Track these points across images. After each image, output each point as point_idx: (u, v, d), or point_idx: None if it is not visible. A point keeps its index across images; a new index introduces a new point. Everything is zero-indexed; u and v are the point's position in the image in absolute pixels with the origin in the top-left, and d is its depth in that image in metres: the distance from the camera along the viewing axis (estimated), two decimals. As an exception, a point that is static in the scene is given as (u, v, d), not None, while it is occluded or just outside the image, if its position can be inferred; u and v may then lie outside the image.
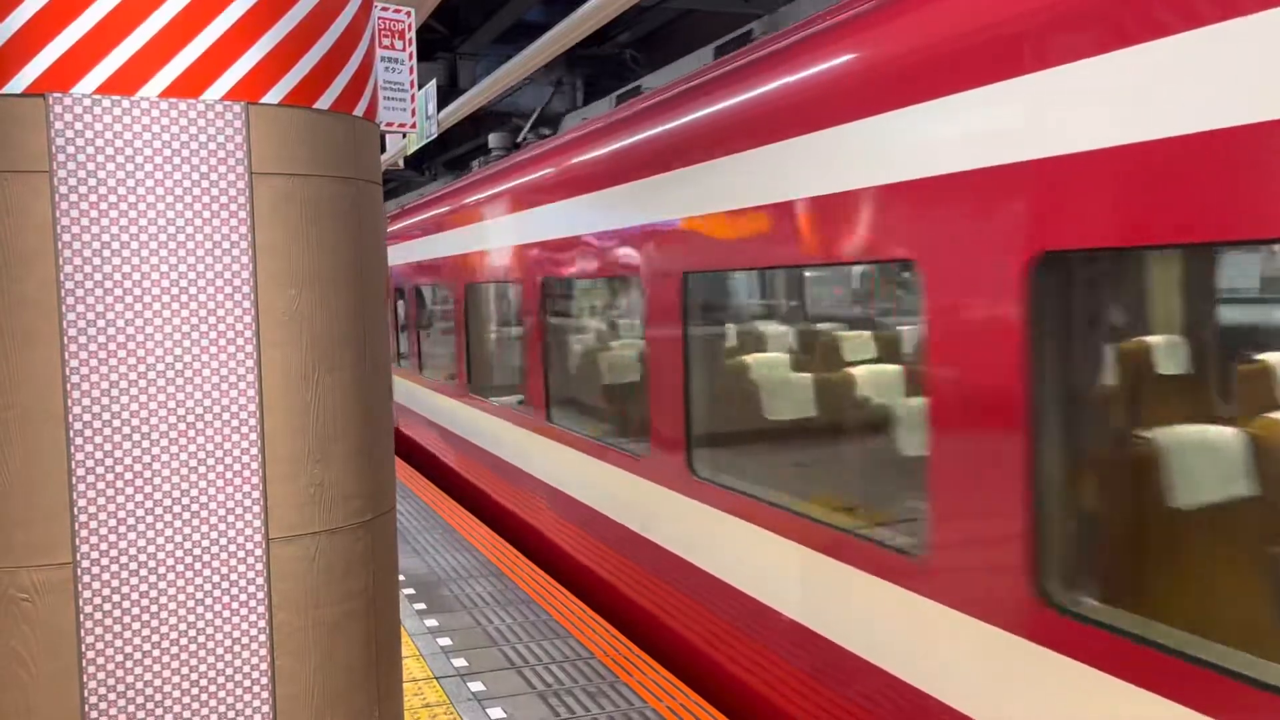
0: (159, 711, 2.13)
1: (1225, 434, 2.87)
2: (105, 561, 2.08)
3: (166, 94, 2.08)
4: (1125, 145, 2.84)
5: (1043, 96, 3.07)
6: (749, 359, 5.14)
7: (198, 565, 2.14)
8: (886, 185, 3.71)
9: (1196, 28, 2.65)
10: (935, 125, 3.50)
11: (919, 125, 3.56)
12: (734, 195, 4.95)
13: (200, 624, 2.15)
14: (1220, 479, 2.88)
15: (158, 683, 2.13)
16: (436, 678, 5.38)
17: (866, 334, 4.42)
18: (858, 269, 4.34)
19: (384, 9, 6.01)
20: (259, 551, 2.18)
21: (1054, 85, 3.04)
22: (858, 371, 4.38)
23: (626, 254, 6.15)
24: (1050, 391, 3.16)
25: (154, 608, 2.12)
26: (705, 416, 5.35)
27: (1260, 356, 2.81)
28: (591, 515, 6.92)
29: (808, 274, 4.75)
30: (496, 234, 8.94)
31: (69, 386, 2.04)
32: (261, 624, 2.19)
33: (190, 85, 2.09)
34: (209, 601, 2.15)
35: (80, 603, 2.07)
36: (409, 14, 6.10)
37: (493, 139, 12.02)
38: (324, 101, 2.25)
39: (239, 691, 2.18)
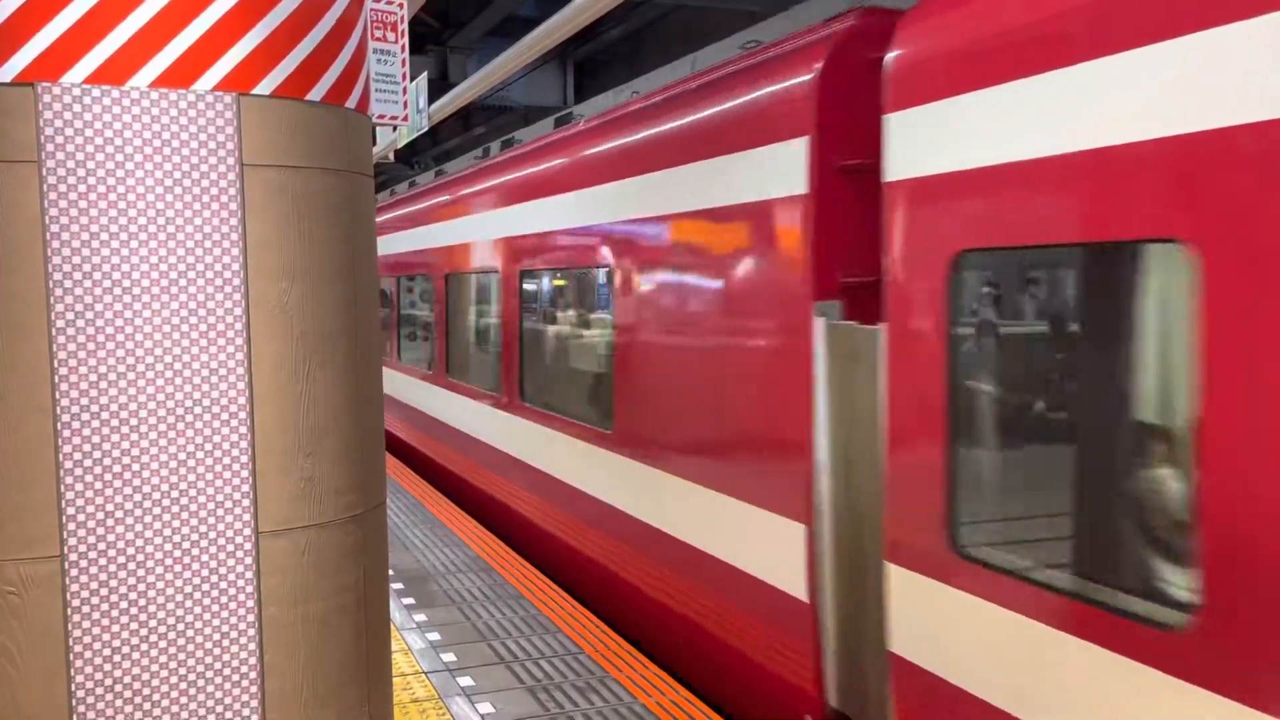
0: (147, 706, 2.12)
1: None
2: (93, 555, 2.07)
3: (156, 84, 2.06)
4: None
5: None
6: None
7: (186, 559, 2.13)
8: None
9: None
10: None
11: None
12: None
13: (189, 618, 2.13)
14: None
15: (145, 677, 2.11)
16: (425, 673, 5.37)
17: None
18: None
19: (376, 1, 5.98)
20: (249, 545, 2.17)
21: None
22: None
23: None
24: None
25: (142, 602, 2.10)
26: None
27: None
28: None
29: None
30: None
31: (57, 379, 2.02)
32: (251, 618, 2.18)
33: (181, 76, 2.08)
34: (198, 596, 2.14)
35: (68, 597, 2.06)
36: (401, 6, 6.07)
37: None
38: (316, 93, 2.24)
39: (227, 686, 2.17)
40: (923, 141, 3.62)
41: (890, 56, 3.79)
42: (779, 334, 4.66)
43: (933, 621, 3.62)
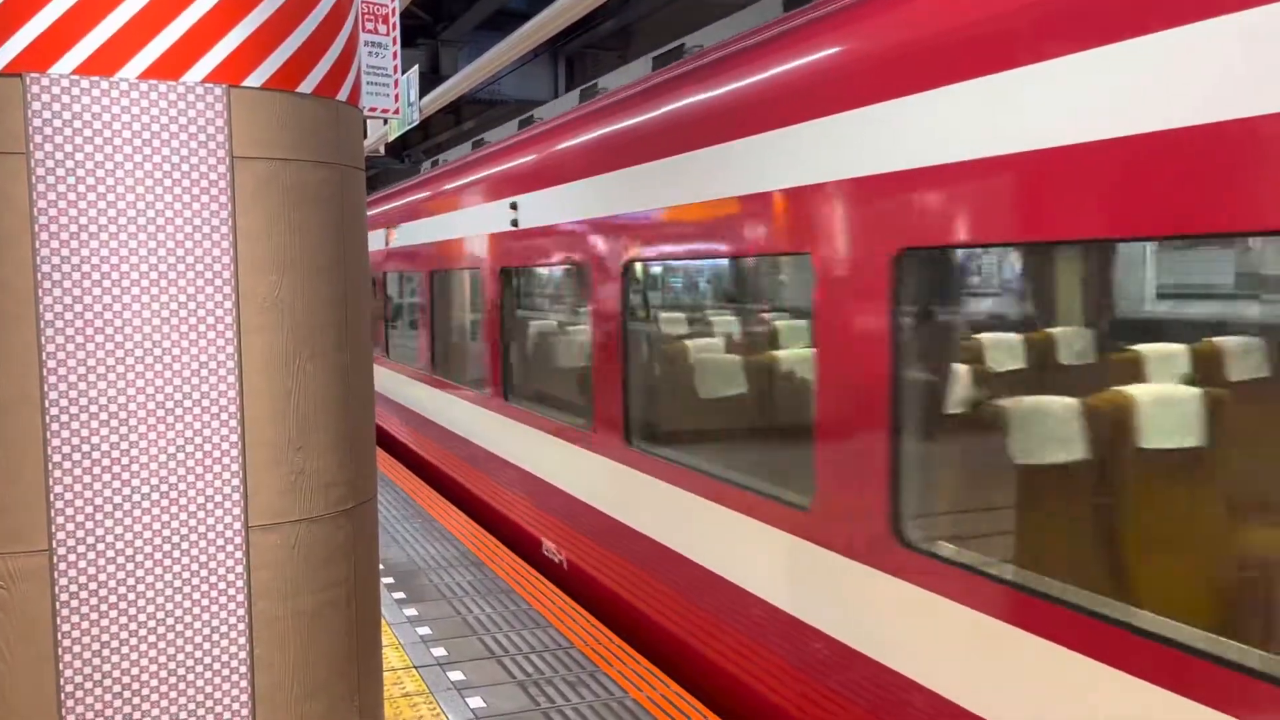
0: (135, 700, 2.11)
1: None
2: (82, 549, 2.06)
3: (146, 75, 2.05)
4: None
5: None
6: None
7: (176, 553, 2.12)
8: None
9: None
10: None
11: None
12: None
13: (178, 612, 2.12)
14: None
15: (135, 671, 2.10)
16: (416, 667, 5.37)
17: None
18: None
19: (367, -6, 5.96)
20: (238, 539, 2.16)
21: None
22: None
23: None
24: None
25: (131, 595, 2.09)
26: None
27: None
28: None
29: None
30: None
31: (45, 371, 2.01)
32: (241, 612, 2.17)
33: (170, 67, 2.06)
34: (187, 589, 2.13)
35: (56, 590, 2.05)
36: (392, -1, 6.05)
37: None
38: (307, 85, 2.23)
39: (217, 680, 2.16)
40: None
41: None
42: None
43: None
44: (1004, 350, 3.54)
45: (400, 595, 6.59)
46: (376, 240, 12.76)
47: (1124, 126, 2.94)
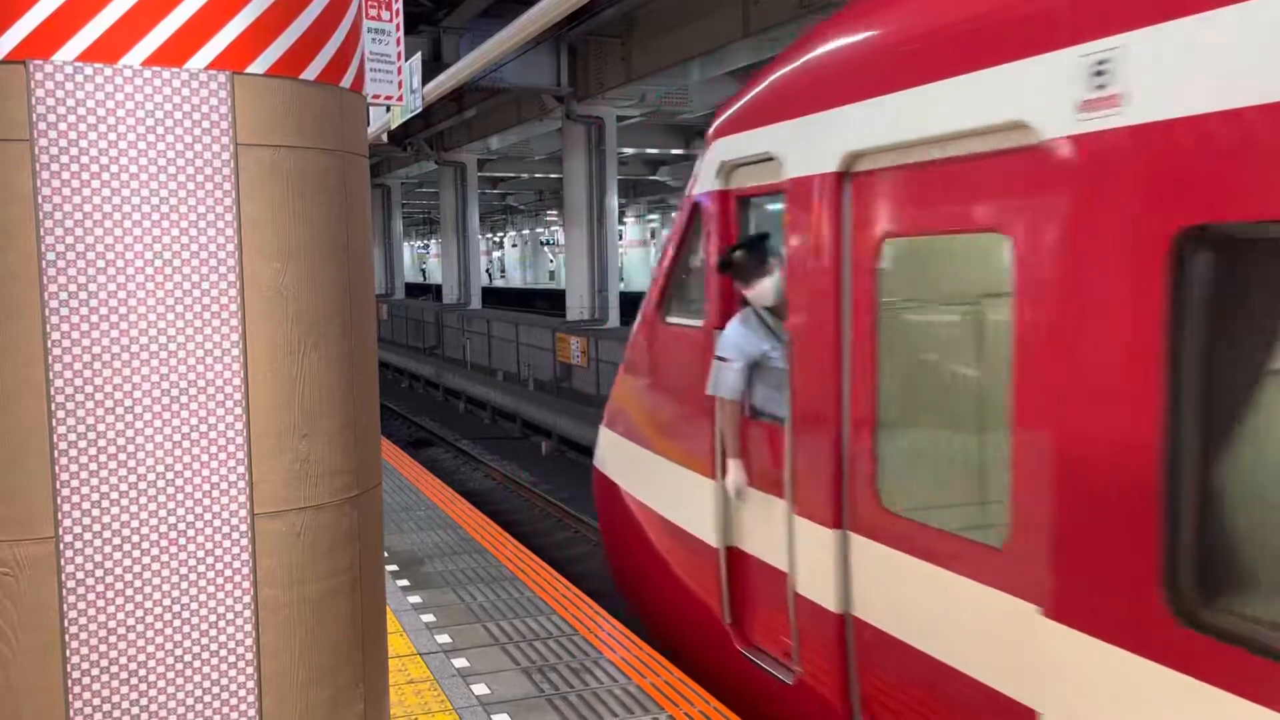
0: (142, 687, 2.12)
1: None
2: (88, 536, 2.06)
3: (149, 63, 2.04)
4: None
5: None
6: None
7: (182, 540, 2.12)
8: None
9: None
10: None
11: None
12: None
13: (184, 599, 2.13)
14: None
15: (141, 658, 2.11)
16: (420, 654, 5.38)
17: None
18: None
19: (369, -20, 5.94)
20: (244, 527, 2.17)
21: None
22: None
23: None
24: None
25: (137, 583, 2.10)
26: None
27: None
28: None
29: None
30: None
31: (51, 359, 2.01)
32: (246, 599, 2.18)
33: (173, 54, 2.06)
34: (193, 577, 2.14)
35: (63, 577, 2.05)
36: (394, -14, 6.03)
37: None
38: (310, 72, 2.22)
39: (223, 667, 2.17)
40: None
41: None
42: None
43: None
44: None
45: (404, 583, 6.61)
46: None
47: None
